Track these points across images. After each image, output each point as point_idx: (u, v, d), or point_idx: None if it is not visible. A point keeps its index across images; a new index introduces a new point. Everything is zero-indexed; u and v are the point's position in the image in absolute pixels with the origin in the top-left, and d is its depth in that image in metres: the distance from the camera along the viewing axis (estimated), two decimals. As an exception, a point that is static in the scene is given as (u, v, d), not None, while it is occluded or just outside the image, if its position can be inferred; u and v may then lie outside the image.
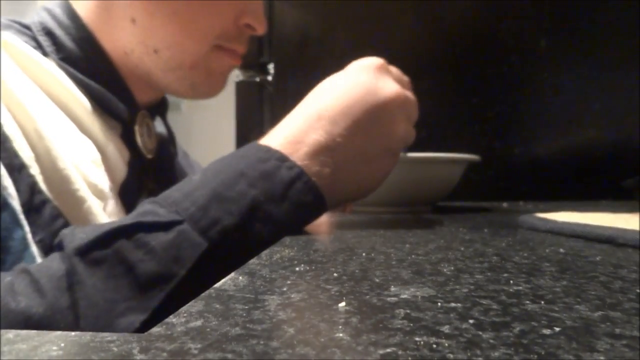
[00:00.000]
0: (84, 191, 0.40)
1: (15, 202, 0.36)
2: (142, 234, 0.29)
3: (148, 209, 0.31)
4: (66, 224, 0.38)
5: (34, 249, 0.36)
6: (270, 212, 0.32)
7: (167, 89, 0.52)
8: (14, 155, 0.38)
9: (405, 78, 0.43)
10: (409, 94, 0.41)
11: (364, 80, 0.38)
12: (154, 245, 0.29)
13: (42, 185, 0.38)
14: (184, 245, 0.29)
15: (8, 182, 0.36)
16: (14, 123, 0.39)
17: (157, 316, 0.27)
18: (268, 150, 0.34)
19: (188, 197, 0.31)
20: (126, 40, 0.48)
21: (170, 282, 0.28)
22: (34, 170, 0.38)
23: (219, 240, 0.30)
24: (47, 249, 0.36)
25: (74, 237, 0.30)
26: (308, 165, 0.34)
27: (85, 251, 0.29)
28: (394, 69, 0.42)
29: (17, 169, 0.37)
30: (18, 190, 0.37)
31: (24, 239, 0.36)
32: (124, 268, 0.28)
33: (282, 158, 0.34)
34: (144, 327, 0.27)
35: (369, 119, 0.37)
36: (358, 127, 0.36)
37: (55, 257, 0.30)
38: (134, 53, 0.48)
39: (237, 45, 0.51)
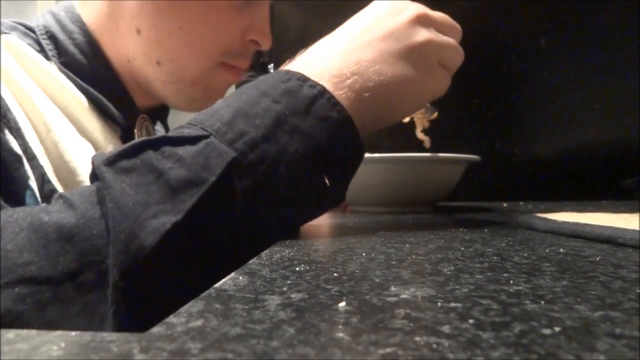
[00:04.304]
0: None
1: (34, 185, 0.38)
2: (169, 146, 0.29)
3: (173, 131, 0.31)
4: None
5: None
6: (296, 124, 0.31)
7: (165, 99, 0.52)
8: (27, 145, 0.39)
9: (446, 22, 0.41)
10: (434, 13, 0.39)
11: (380, 7, 0.38)
12: (182, 154, 0.28)
13: (51, 176, 0.40)
14: (212, 154, 0.28)
15: (27, 166, 0.38)
16: (24, 116, 0.40)
17: (195, 222, 0.27)
18: (288, 72, 0.34)
19: (212, 116, 0.31)
20: (130, 48, 0.48)
21: (201, 187, 0.27)
22: (44, 161, 0.40)
23: (247, 151, 0.29)
24: None
25: (102, 154, 0.30)
26: (331, 87, 0.33)
27: (113, 161, 0.29)
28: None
29: (30, 158, 0.39)
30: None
31: None
32: (153, 175, 0.28)
33: (303, 78, 0.33)
34: (178, 230, 0.26)
35: (387, 41, 0.36)
36: (379, 53, 0.35)
37: (88, 184, 0.30)
38: (136, 61, 0.48)
39: (241, 61, 0.51)
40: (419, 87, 0.37)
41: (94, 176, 0.30)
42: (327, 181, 0.32)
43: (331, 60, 0.35)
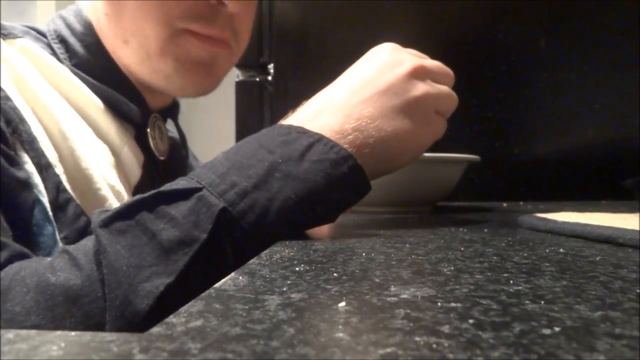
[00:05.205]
0: (105, 190, 0.41)
1: (45, 200, 0.38)
2: (163, 205, 0.30)
3: (171, 182, 0.32)
4: (88, 222, 0.39)
5: (61, 245, 0.37)
6: (289, 171, 0.31)
7: (151, 84, 0.49)
8: (42, 154, 0.39)
9: (442, 72, 0.41)
10: (429, 64, 0.40)
11: (378, 58, 0.38)
12: (175, 214, 0.29)
13: (66, 185, 0.40)
14: (202, 210, 0.29)
15: (38, 180, 0.38)
16: (38, 124, 0.40)
17: (189, 283, 0.28)
18: (290, 127, 0.34)
19: (210, 170, 0.32)
20: (112, 39, 0.47)
21: (193, 246, 0.28)
22: (59, 169, 0.40)
23: (237, 201, 0.30)
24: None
25: (100, 214, 0.31)
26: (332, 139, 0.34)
27: (109, 223, 0.30)
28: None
29: (44, 168, 0.39)
30: (46, 188, 0.38)
31: (54, 234, 0.38)
32: (146, 237, 0.29)
33: (302, 131, 0.33)
34: (172, 290, 0.27)
35: (387, 96, 0.36)
36: (380, 109, 0.36)
37: (91, 237, 0.31)
38: (112, 46, 0.47)
39: (207, 27, 0.46)
40: (417, 139, 0.38)
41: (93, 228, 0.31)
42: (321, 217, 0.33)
43: (332, 117, 0.35)
